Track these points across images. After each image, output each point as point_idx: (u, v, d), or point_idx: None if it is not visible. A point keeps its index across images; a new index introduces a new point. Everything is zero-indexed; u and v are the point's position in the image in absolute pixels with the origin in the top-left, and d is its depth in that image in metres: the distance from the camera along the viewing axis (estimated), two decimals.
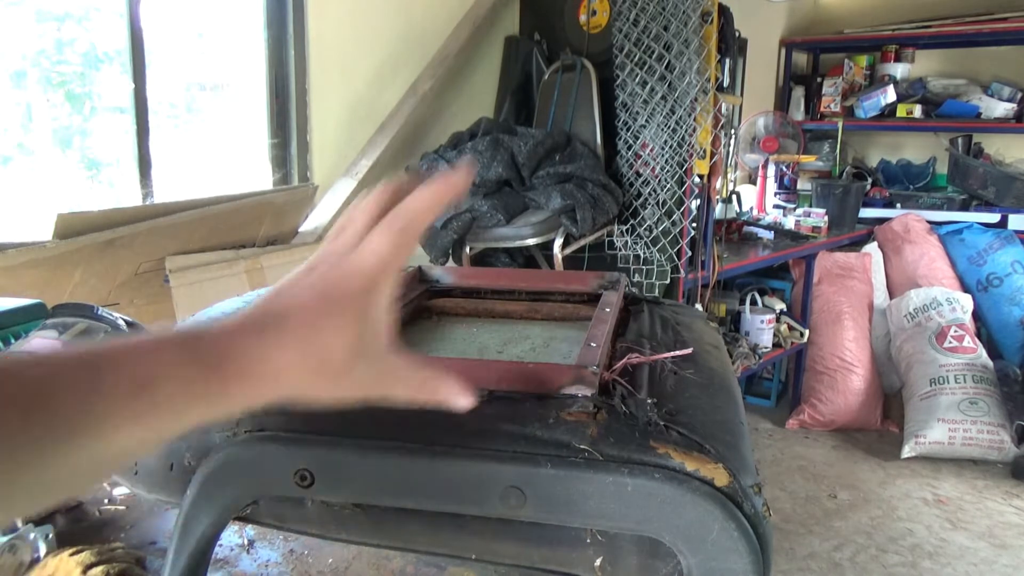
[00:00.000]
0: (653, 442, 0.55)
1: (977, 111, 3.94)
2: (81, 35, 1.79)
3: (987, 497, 2.75)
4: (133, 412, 0.33)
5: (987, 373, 3.11)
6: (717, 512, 0.52)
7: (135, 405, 0.33)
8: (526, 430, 0.56)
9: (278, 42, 2.16)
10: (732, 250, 3.00)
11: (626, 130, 2.35)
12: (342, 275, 0.39)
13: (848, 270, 3.51)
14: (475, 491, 0.55)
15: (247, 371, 0.37)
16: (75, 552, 1.19)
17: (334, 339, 0.38)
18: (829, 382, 3.33)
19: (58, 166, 1.80)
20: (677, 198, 2.31)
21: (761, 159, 3.81)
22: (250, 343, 0.37)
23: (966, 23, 3.96)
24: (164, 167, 1.93)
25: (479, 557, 0.60)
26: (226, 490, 0.59)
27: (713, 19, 2.21)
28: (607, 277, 0.95)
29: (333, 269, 0.40)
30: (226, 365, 0.36)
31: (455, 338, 0.86)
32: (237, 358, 0.36)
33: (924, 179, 4.28)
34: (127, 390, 0.33)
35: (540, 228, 2.12)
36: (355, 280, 0.39)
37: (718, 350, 0.81)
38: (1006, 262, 3.46)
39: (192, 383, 0.35)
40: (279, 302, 0.39)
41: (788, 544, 2.36)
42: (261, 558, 1.39)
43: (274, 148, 2.21)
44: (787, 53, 4.50)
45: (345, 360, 0.39)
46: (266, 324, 0.38)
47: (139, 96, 1.84)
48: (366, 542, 0.63)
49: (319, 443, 0.57)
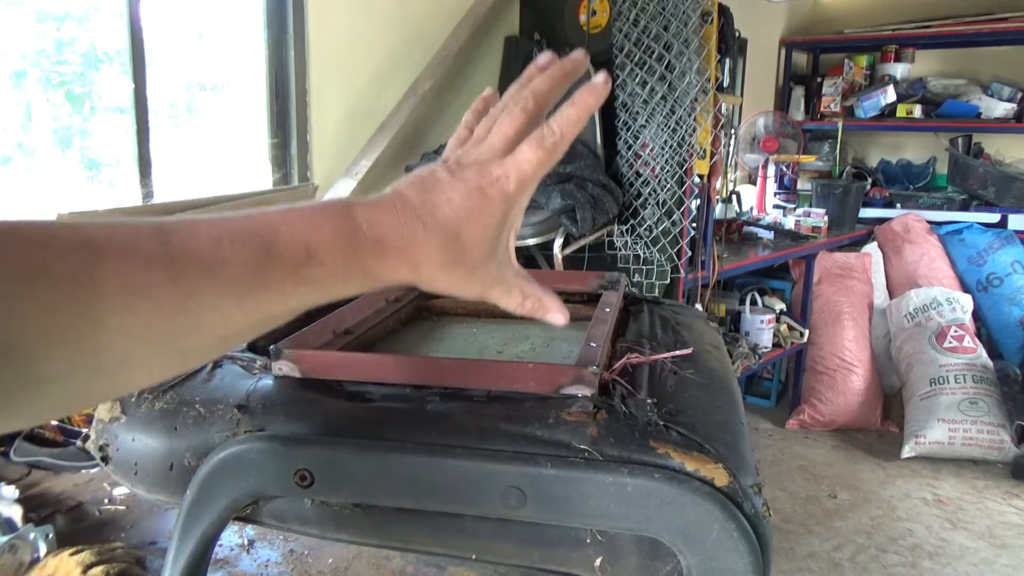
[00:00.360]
0: (653, 442, 0.55)
1: (977, 111, 3.94)
2: (81, 35, 1.79)
3: (987, 497, 2.75)
4: (296, 280, 0.37)
5: (987, 373, 3.11)
6: (717, 512, 0.52)
7: (300, 273, 0.37)
8: (526, 430, 0.56)
9: (278, 42, 2.16)
10: (732, 250, 3.00)
11: (626, 130, 2.35)
12: (493, 179, 0.42)
13: (848, 270, 3.51)
14: (475, 491, 0.55)
15: (392, 253, 0.40)
16: (75, 552, 1.19)
17: (478, 236, 0.42)
18: (829, 382, 3.33)
19: (58, 166, 1.80)
20: (677, 198, 2.31)
21: (761, 159, 3.81)
22: (398, 227, 0.40)
23: (966, 23, 3.96)
24: (164, 167, 1.93)
25: (479, 557, 0.60)
26: (226, 490, 0.59)
27: (713, 19, 2.21)
28: (607, 277, 0.95)
29: (483, 172, 0.42)
30: (375, 243, 0.39)
31: (455, 338, 0.86)
32: (384, 238, 0.39)
33: (924, 179, 4.28)
34: (293, 259, 0.37)
35: (540, 228, 2.12)
36: (505, 185, 0.42)
37: (718, 350, 0.81)
38: (1006, 262, 3.46)
39: (345, 256, 0.38)
40: (428, 197, 0.41)
41: (788, 544, 2.36)
42: (261, 558, 1.39)
43: (274, 148, 2.21)
44: (787, 53, 4.50)
45: (482, 258, 0.43)
46: (415, 213, 0.40)
47: (139, 96, 1.84)
48: (366, 542, 0.63)
49: (319, 443, 0.57)
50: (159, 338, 0.33)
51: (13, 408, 0.30)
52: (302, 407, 0.60)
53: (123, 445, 0.64)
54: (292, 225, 0.37)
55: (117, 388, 0.35)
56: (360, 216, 0.39)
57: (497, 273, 0.45)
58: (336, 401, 0.61)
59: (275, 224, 0.37)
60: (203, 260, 0.34)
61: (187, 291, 0.33)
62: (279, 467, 0.57)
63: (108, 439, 0.65)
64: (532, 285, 0.47)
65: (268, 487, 0.58)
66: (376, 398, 0.61)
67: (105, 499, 1.47)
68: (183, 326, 0.34)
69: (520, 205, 0.44)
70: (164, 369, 0.36)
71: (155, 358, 0.35)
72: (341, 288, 0.39)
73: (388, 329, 0.85)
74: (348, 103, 2.27)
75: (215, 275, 0.34)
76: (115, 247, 0.32)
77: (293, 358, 0.64)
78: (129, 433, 0.64)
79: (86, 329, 0.31)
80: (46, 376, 0.30)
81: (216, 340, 0.36)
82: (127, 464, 0.64)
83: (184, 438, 0.62)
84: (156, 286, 0.32)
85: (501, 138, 0.43)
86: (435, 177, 0.42)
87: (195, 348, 0.36)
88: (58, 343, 0.30)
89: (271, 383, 0.64)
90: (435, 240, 0.40)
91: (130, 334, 0.32)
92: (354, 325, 0.78)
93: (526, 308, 0.47)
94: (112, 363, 0.33)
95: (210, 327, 0.35)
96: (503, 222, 0.43)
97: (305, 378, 0.64)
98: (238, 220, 0.37)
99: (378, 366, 0.64)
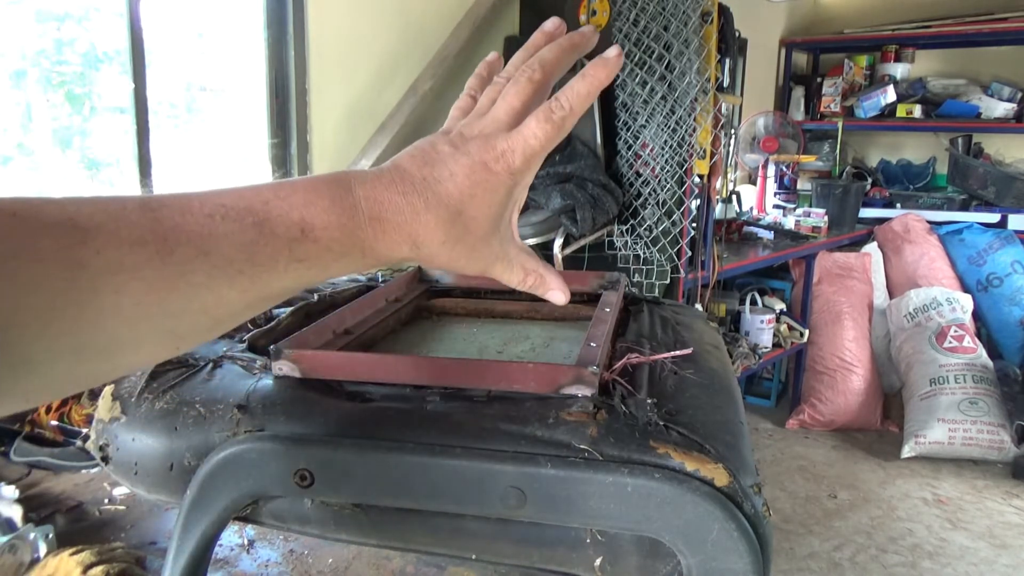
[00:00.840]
0: (653, 442, 0.55)
1: (977, 111, 3.94)
2: (81, 35, 1.79)
3: (987, 497, 2.75)
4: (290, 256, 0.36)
5: (987, 373, 3.11)
6: (717, 512, 0.52)
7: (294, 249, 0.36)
8: (526, 430, 0.56)
9: (278, 42, 2.16)
10: (732, 250, 3.00)
11: (626, 130, 2.35)
12: (498, 153, 0.40)
13: (848, 270, 3.51)
14: (475, 491, 0.55)
15: (391, 230, 0.38)
16: (75, 552, 1.19)
17: (481, 213, 0.40)
18: (829, 382, 3.33)
19: (58, 166, 1.80)
20: (677, 198, 2.31)
21: (761, 159, 3.81)
22: (398, 203, 0.38)
23: (966, 23, 3.96)
24: (164, 167, 1.93)
25: (479, 557, 0.60)
26: (226, 490, 0.59)
27: (713, 19, 2.21)
28: (607, 277, 0.95)
29: (488, 146, 0.40)
30: (373, 220, 0.38)
31: (455, 338, 0.86)
32: (383, 214, 0.38)
33: (924, 179, 4.29)
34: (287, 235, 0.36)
35: (540, 228, 2.12)
36: (511, 159, 0.40)
37: (718, 350, 0.81)
38: (1006, 262, 3.46)
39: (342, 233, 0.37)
40: (430, 172, 0.40)
41: (788, 544, 2.36)
42: (261, 558, 1.39)
43: (274, 148, 2.21)
44: (787, 53, 4.50)
45: (485, 234, 0.41)
46: (416, 188, 0.39)
47: (139, 96, 1.84)
48: (366, 542, 0.63)
49: (319, 443, 0.57)
50: (150, 318, 0.32)
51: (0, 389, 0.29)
52: (302, 407, 0.60)
53: (123, 445, 0.64)
54: (286, 200, 0.36)
55: (108, 371, 0.34)
56: (358, 191, 0.38)
57: (500, 249, 0.43)
58: (336, 401, 0.61)
59: (268, 199, 0.36)
60: (194, 237, 0.33)
61: (178, 269, 0.32)
62: (279, 467, 0.57)
63: (108, 439, 0.65)
64: (534, 261, 0.46)
65: (268, 487, 0.58)
66: (376, 398, 0.61)
67: (105, 499, 1.47)
68: (174, 306, 0.33)
69: (525, 181, 0.43)
70: (156, 351, 0.35)
71: (146, 339, 0.33)
72: (338, 266, 0.38)
73: (388, 329, 0.85)
74: (348, 103, 2.27)
75: (207, 253, 0.33)
76: (101, 224, 0.31)
77: (293, 358, 0.64)
78: (129, 433, 0.64)
79: (72, 309, 0.30)
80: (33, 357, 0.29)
81: (209, 320, 0.35)
82: (127, 464, 0.64)
83: (184, 438, 0.62)
84: (145, 264, 0.31)
85: (507, 110, 0.42)
86: (437, 150, 0.40)
87: (188, 328, 0.35)
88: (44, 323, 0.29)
89: (271, 383, 0.64)
90: (437, 217, 0.39)
91: (119, 314, 0.31)
92: (354, 325, 0.78)
93: (528, 284, 0.46)
94: (101, 344, 0.32)
95: (202, 307, 0.34)
96: (507, 199, 0.41)
97: (305, 378, 0.64)
98: (230, 195, 0.35)
99: (378, 366, 0.64)
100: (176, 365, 0.68)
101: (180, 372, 0.66)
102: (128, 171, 1.88)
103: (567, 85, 0.42)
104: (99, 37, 1.81)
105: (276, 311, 0.84)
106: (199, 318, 0.34)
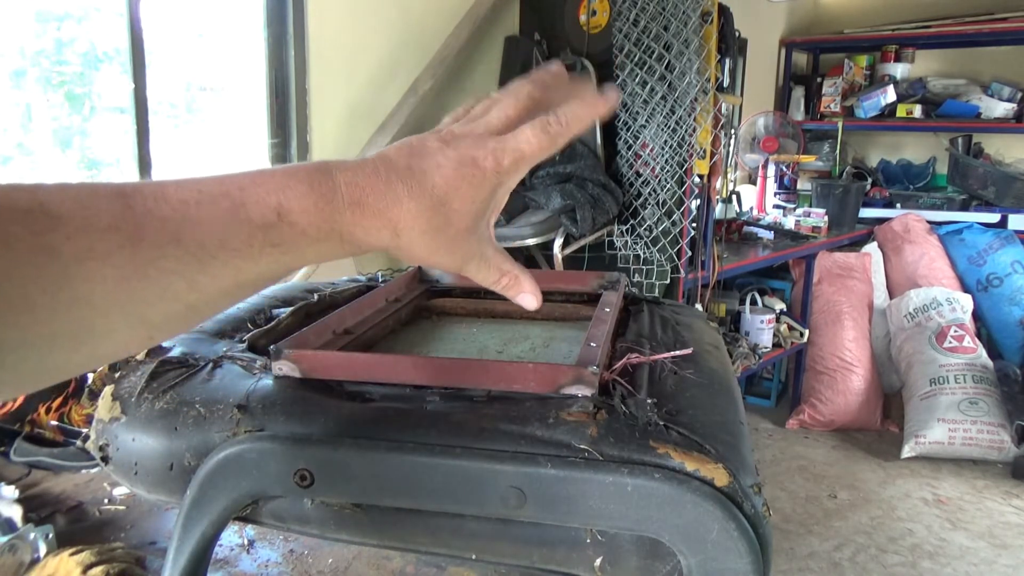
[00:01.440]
0: (653, 442, 0.55)
1: (977, 111, 3.94)
2: (81, 35, 1.79)
3: (987, 497, 2.75)
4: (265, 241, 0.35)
5: (987, 373, 3.11)
6: (717, 512, 0.52)
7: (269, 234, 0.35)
8: (526, 430, 0.56)
9: (278, 42, 2.16)
10: (732, 250, 3.00)
11: (626, 130, 2.35)
12: (488, 151, 0.41)
13: (848, 270, 3.51)
14: (475, 491, 0.55)
15: (371, 215, 0.38)
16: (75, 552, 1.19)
17: (464, 207, 0.40)
18: (829, 382, 3.33)
19: (58, 166, 1.80)
20: (677, 198, 2.31)
21: (761, 159, 3.81)
22: (379, 188, 0.38)
23: (966, 23, 3.96)
24: (164, 167, 1.93)
25: (479, 557, 0.60)
26: (226, 490, 0.59)
27: (713, 19, 2.21)
28: (607, 277, 0.95)
29: (479, 144, 0.41)
30: (353, 205, 0.38)
31: (455, 338, 0.86)
32: (364, 199, 0.38)
33: (924, 179, 4.29)
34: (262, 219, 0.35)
35: (540, 228, 2.12)
36: (500, 158, 0.41)
37: (718, 350, 0.81)
38: (1006, 262, 3.46)
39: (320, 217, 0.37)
40: (416, 162, 0.40)
41: (788, 544, 2.36)
42: (261, 558, 1.39)
43: (274, 148, 2.21)
44: (787, 53, 4.50)
45: (465, 229, 0.41)
46: (400, 176, 0.39)
47: (139, 96, 1.84)
48: (366, 542, 0.63)
49: (319, 443, 0.57)
50: (121, 306, 0.32)
51: None
52: (302, 407, 0.60)
53: (123, 445, 0.64)
54: (263, 185, 0.36)
55: (80, 361, 0.33)
56: (338, 177, 0.37)
57: (477, 247, 0.44)
58: (336, 401, 0.61)
59: (245, 185, 0.36)
60: (167, 223, 0.33)
61: (149, 255, 0.32)
62: (279, 467, 0.57)
63: (108, 439, 0.65)
64: (510, 263, 0.46)
65: (268, 487, 0.58)
66: (376, 398, 0.61)
67: (105, 499, 1.47)
68: (146, 292, 0.33)
69: (509, 185, 0.43)
70: (129, 340, 0.35)
71: (118, 328, 0.33)
72: (314, 252, 0.38)
73: (388, 329, 0.85)
74: (348, 103, 2.28)
75: (178, 238, 0.33)
76: (72, 210, 0.30)
77: (293, 358, 0.64)
78: (129, 433, 0.64)
79: (43, 297, 0.29)
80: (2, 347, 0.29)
81: (183, 309, 0.35)
82: (127, 464, 0.64)
83: (184, 438, 0.62)
84: (116, 250, 0.31)
85: (502, 117, 0.43)
86: (424, 144, 0.41)
87: (161, 317, 0.34)
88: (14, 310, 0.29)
89: (271, 383, 0.64)
90: (419, 205, 0.39)
91: (91, 302, 0.31)
92: (354, 325, 0.77)
93: (502, 285, 0.46)
94: (73, 333, 0.31)
95: (175, 294, 0.34)
96: (490, 197, 0.42)
97: (305, 378, 0.64)
98: (208, 182, 0.35)
99: (378, 366, 0.64)
100: (176, 365, 0.68)
101: (180, 372, 0.66)
102: (128, 171, 1.89)
103: (567, 104, 0.43)
104: (99, 37, 1.82)
105: (276, 311, 0.84)
106: (172, 306, 0.34)
